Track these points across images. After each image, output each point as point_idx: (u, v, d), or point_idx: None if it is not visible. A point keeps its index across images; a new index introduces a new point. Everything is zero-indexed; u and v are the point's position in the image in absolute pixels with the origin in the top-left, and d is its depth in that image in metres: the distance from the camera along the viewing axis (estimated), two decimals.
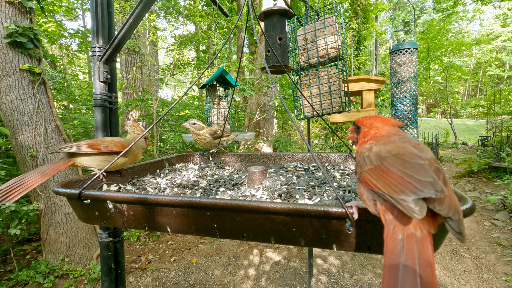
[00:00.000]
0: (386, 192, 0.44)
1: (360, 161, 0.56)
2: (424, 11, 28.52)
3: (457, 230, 0.40)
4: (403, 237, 0.39)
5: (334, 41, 1.38)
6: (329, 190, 0.83)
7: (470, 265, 3.07)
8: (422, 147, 0.52)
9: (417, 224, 0.40)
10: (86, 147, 0.92)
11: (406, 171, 0.45)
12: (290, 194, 0.81)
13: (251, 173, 0.95)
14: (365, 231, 0.52)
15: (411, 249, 0.38)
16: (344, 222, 0.52)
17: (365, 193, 0.50)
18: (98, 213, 0.73)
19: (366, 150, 0.57)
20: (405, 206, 0.40)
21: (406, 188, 0.42)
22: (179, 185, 0.96)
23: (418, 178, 0.43)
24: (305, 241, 0.56)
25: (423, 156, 0.49)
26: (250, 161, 1.33)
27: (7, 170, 3.36)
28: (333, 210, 0.51)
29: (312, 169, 1.11)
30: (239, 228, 0.61)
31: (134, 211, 0.69)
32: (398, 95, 1.72)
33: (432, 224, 0.41)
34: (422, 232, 0.40)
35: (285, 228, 0.57)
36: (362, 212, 0.51)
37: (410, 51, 1.65)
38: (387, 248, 0.39)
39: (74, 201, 0.74)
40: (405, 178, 0.44)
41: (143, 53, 6.22)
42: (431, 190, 0.41)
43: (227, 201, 0.59)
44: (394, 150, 0.51)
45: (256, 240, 0.61)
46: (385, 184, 0.45)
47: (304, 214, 0.53)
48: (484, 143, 8.54)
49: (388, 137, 0.59)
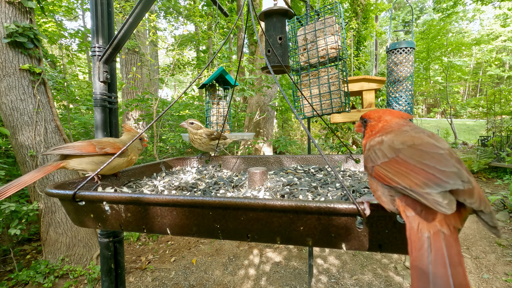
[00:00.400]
0: (407, 186, 0.40)
1: (370, 155, 0.53)
2: (424, 11, 28.51)
3: (492, 224, 0.37)
4: (429, 235, 0.36)
5: (334, 41, 1.38)
6: (333, 190, 0.81)
7: (470, 265, 3.07)
8: (438, 137, 0.49)
9: (443, 220, 0.37)
10: (80, 149, 0.87)
11: (427, 162, 0.41)
12: (293, 195, 0.79)
13: (252, 174, 0.93)
14: (377, 229, 0.50)
15: (439, 248, 0.35)
16: (354, 219, 0.50)
17: (379, 189, 0.47)
18: (94, 215, 0.70)
19: (376, 143, 0.53)
20: (431, 200, 0.37)
21: (429, 181, 0.39)
22: (177, 187, 0.94)
23: (442, 169, 0.40)
24: (313, 241, 0.54)
25: (442, 146, 0.45)
26: (248, 163, 1.32)
27: (7, 170, 3.36)
28: (343, 206, 0.49)
29: (313, 171, 1.10)
30: (243, 228, 0.58)
31: (131, 213, 0.66)
32: (394, 94, 1.72)
33: (459, 219, 0.38)
34: (449, 228, 0.37)
35: (292, 227, 0.54)
36: (374, 208, 0.48)
37: (407, 50, 1.65)
38: (413, 248, 0.37)
39: (67, 202, 0.71)
40: (427, 170, 0.40)
41: (143, 53, 6.23)
42: (458, 181, 0.38)
43: (232, 199, 0.56)
44: (409, 141, 0.47)
45: (261, 240, 0.58)
46: (405, 178, 0.42)
47: (313, 211, 0.51)
48: (484, 143, 8.54)
49: (399, 129, 0.55)
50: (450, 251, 0.35)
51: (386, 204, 0.45)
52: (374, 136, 0.58)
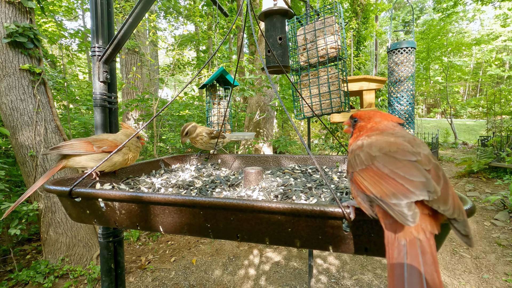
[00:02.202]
0: (377, 195, 0.42)
1: (351, 160, 0.54)
2: (424, 11, 28.51)
3: (464, 233, 0.37)
4: (405, 242, 0.37)
5: (334, 41, 1.38)
6: (327, 192, 0.81)
7: (470, 265, 3.07)
8: (418, 142, 0.49)
9: (420, 227, 0.38)
10: (78, 148, 0.88)
11: (397, 171, 0.42)
12: (287, 195, 0.80)
13: (247, 174, 0.94)
14: (362, 232, 0.51)
15: (415, 255, 0.36)
16: (341, 222, 0.51)
17: (359, 195, 0.47)
18: (90, 212, 0.72)
19: (357, 148, 0.54)
20: (396, 211, 0.38)
21: (397, 191, 0.40)
22: (174, 185, 0.95)
23: (410, 179, 0.41)
24: (301, 242, 0.55)
25: (418, 151, 0.46)
26: (248, 162, 1.33)
27: (7, 170, 3.36)
28: (329, 209, 0.50)
29: (310, 171, 1.10)
30: (233, 228, 0.59)
31: (126, 210, 0.67)
32: (396, 95, 1.72)
33: (435, 224, 0.39)
34: (425, 234, 0.37)
35: (280, 228, 0.55)
36: (359, 212, 0.49)
37: (408, 50, 1.65)
38: (390, 255, 0.37)
39: (65, 199, 0.72)
40: (397, 180, 0.41)
41: (143, 53, 6.23)
42: (424, 192, 0.39)
43: (221, 200, 0.57)
44: (385, 147, 0.48)
45: (251, 240, 0.59)
46: (377, 187, 0.43)
47: (300, 213, 0.52)
48: (484, 143, 8.54)
49: (381, 132, 0.56)
50: (425, 258, 0.35)
51: (366, 210, 0.46)
52: (358, 138, 0.59)
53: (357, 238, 0.51)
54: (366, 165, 0.48)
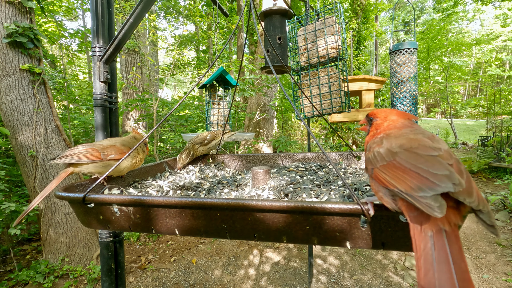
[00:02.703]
0: (403, 189, 0.42)
1: (370, 157, 0.55)
2: (424, 11, 28.52)
3: (489, 223, 0.38)
4: (432, 234, 0.38)
5: (334, 41, 1.38)
6: (335, 189, 0.82)
7: (470, 265, 3.07)
8: (437, 138, 0.50)
9: (445, 218, 0.39)
10: (86, 157, 0.89)
11: (421, 166, 0.43)
12: (297, 194, 0.80)
13: (255, 173, 0.94)
14: (379, 227, 0.51)
15: (442, 245, 0.37)
16: (358, 219, 0.52)
17: (381, 190, 0.48)
18: (103, 217, 0.71)
19: (376, 145, 0.55)
20: (424, 204, 0.39)
21: (423, 184, 0.41)
22: (182, 187, 0.95)
23: (434, 172, 0.41)
24: (318, 240, 0.55)
25: (438, 147, 0.47)
26: (250, 162, 1.33)
27: (7, 170, 3.36)
28: (348, 207, 0.51)
29: (314, 169, 1.11)
30: (250, 228, 0.59)
31: (140, 214, 0.67)
32: (398, 95, 1.72)
33: (459, 216, 0.40)
34: (451, 226, 0.38)
35: (298, 227, 0.56)
36: (377, 208, 0.50)
37: (410, 51, 1.65)
38: (418, 247, 0.38)
39: (77, 205, 0.71)
40: (421, 174, 0.42)
41: (143, 53, 6.22)
42: (449, 184, 0.39)
43: (239, 201, 0.57)
44: (406, 144, 0.49)
45: (268, 240, 0.59)
46: (401, 181, 0.44)
47: (319, 212, 0.52)
48: (484, 143, 8.54)
49: (400, 130, 0.57)
50: (452, 248, 0.36)
51: (389, 204, 0.47)
52: (377, 135, 0.60)
53: (374, 233, 0.52)
54: (387, 161, 0.49)
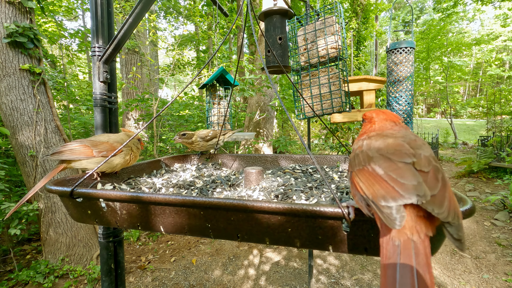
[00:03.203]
0: (370, 197, 0.42)
1: (351, 160, 0.54)
2: (424, 11, 28.51)
3: (456, 237, 0.37)
4: (399, 243, 0.37)
5: (334, 41, 1.38)
6: (327, 192, 0.82)
7: (470, 265, 3.07)
8: (419, 143, 0.49)
9: (414, 228, 0.38)
10: (78, 154, 0.90)
11: (391, 174, 0.43)
12: (287, 195, 0.80)
13: (248, 174, 0.94)
14: (362, 233, 0.51)
15: (408, 255, 0.36)
16: (340, 223, 0.51)
17: (356, 194, 0.48)
18: (91, 212, 0.72)
19: (357, 147, 0.55)
20: (385, 214, 0.38)
21: (388, 194, 0.40)
22: (175, 185, 0.95)
23: (401, 182, 0.41)
24: (301, 242, 0.55)
25: (418, 153, 0.46)
26: (248, 162, 1.33)
27: (7, 170, 3.36)
28: (329, 210, 0.50)
29: (310, 171, 1.10)
30: (233, 228, 0.59)
31: (127, 210, 0.68)
32: (394, 95, 1.71)
33: (430, 226, 0.39)
34: (420, 236, 0.37)
35: (280, 228, 0.55)
36: (359, 212, 0.49)
37: (407, 50, 1.65)
38: (384, 255, 0.38)
39: (66, 199, 0.73)
40: (389, 182, 0.42)
41: (143, 53, 6.22)
42: (413, 196, 0.39)
43: (221, 200, 0.57)
44: (383, 148, 0.48)
45: (251, 240, 0.59)
46: (370, 188, 0.43)
47: (300, 214, 0.52)
48: (484, 143, 8.53)
49: (382, 132, 0.56)
50: (418, 259, 0.35)
51: (363, 209, 0.46)
52: (360, 138, 0.60)
53: (357, 238, 0.51)
54: (363, 165, 0.49)
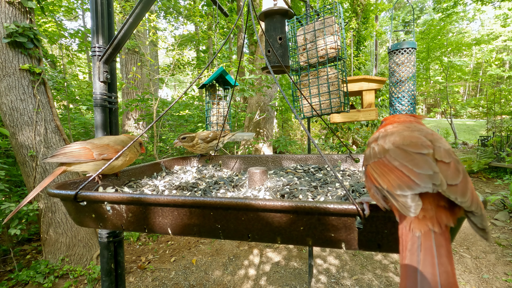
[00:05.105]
0: (385, 187, 0.42)
1: (366, 153, 0.54)
2: (424, 11, 28.50)
3: (480, 226, 0.37)
4: (420, 234, 0.36)
5: (333, 41, 1.38)
6: (332, 190, 0.81)
7: (470, 265, 3.07)
8: (437, 137, 0.48)
9: (435, 219, 0.37)
10: (78, 157, 0.88)
11: (406, 164, 0.42)
12: (293, 194, 0.79)
13: (252, 174, 0.93)
14: (376, 229, 0.50)
15: (429, 247, 0.35)
16: (354, 219, 0.51)
17: (372, 188, 0.48)
18: (95, 216, 0.70)
19: (373, 141, 0.54)
20: (400, 202, 0.38)
21: (403, 183, 0.40)
22: (177, 187, 0.94)
23: (417, 172, 0.40)
24: (313, 241, 0.54)
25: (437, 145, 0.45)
26: (248, 163, 1.33)
27: (7, 170, 3.36)
28: (343, 206, 0.50)
29: (312, 171, 1.10)
30: (244, 228, 0.58)
31: (133, 213, 0.66)
32: (397, 95, 1.72)
33: (451, 217, 0.38)
34: (441, 227, 0.37)
35: (292, 227, 0.54)
36: (373, 208, 0.48)
37: (409, 51, 1.65)
38: (404, 247, 0.37)
39: (69, 203, 0.71)
40: (404, 172, 0.41)
41: (143, 53, 6.22)
42: (429, 184, 0.38)
43: (233, 200, 0.56)
44: (399, 141, 0.48)
45: (262, 240, 0.58)
46: (385, 179, 0.43)
47: (313, 211, 0.51)
48: (484, 143, 8.53)
49: (398, 126, 0.56)
50: (440, 250, 0.35)
51: (379, 202, 0.45)
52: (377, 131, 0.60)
53: (370, 235, 0.51)
54: (378, 158, 0.48)
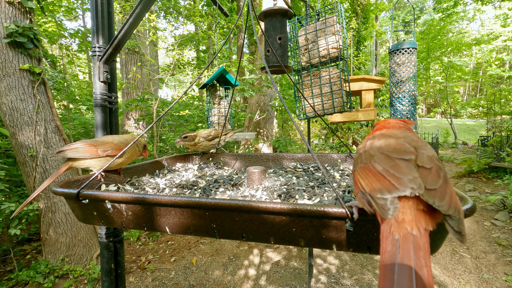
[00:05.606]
0: (367, 191, 0.44)
1: (355, 160, 0.57)
2: (424, 11, 28.50)
3: (456, 229, 0.38)
4: (399, 237, 0.38)
5: (335, 41, 1.38)
6: (329, 191, 0.82)
7: (470, 265, 3.07)
8: (421, 144, 0.51)
9: (413, 222, 0.39)
10: (83, 153, 0.92)
11: (388, 169, 0.45)
12: (290, 195, 0.80)
13: (250, 173, 0.95)
14: (365, 231, 0.52)
15: (407, 249, 0.36)
16: (344, 222, 0.52)
17: (358, 192, 0.50)
18: (97, 213, 0.73)
19: (361, 147, 0.57)
20: (380, 205, 0.40)
21: (384, 187, 0.42)
22: (178, 185, 0.95)
23: (398, 176, 0.43)
24: (305, 242, 0.56)
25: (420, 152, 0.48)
26: (249, 162, 1.33)
27: (7, 170, 3.36)
28: (333, 210, 0.51)
29: (312, 170, 1.11)
30: (238, 228, 0.60)
31: (132, 211, 0.68)
32: (397, 95, 1.72)
33: (430, 221, 0.40)
34: (419, 230, 0.38)
35: (285, 228, 0.56)
36: (362, 212, 0.50)
37: (410, 51, 1.65)
38: (383, 249, 0.38)
39: (72, 201, 0.73)
40: (386, 176, 0.44)
41: (143, 53, 6.22)
42: (407, 188, 0.41)
43: (226, 201, 0.58)
44: (384, 147, 0.51)
45: (256, 240, 0.60)
46: (368, 183, 0.46)
47: (304, 214, 0.53)
48: (484, 143, 8.54)
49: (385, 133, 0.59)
50: (418, 253, 0.36)
51: (365, 206, 0.47)
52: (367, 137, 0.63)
53: (360, 237, 0.52)
54: (364, 163, 0.51)
